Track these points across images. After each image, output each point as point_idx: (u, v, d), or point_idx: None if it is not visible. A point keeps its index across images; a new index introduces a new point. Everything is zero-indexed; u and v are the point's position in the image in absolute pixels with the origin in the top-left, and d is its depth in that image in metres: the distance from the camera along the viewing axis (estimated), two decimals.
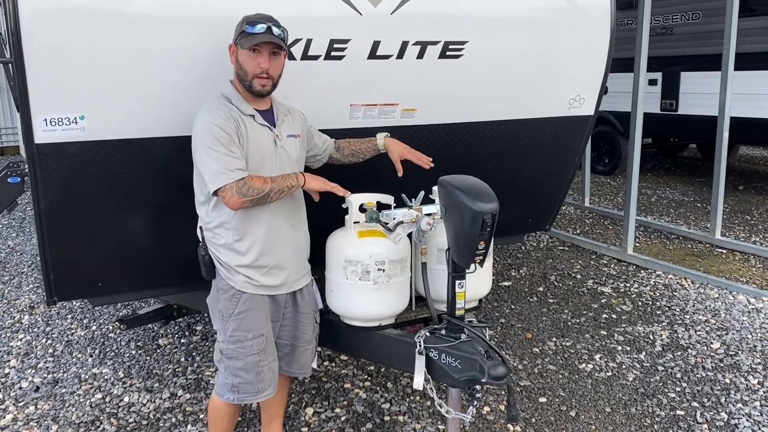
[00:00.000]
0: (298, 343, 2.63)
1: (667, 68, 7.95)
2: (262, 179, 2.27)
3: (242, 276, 2.41)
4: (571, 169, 3.84)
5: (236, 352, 2.43)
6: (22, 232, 6.58)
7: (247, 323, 2.42)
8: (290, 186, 2.35)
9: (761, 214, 6.93)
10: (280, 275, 2.48)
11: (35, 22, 2.27)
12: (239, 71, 2.34)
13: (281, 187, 2.32)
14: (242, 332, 2.42)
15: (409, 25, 2.83)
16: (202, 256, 2.45)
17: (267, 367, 2.48)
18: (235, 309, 2.42)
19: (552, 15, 3.22)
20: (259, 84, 2.32)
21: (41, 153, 2.44)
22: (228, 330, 2.44)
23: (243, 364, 2.43)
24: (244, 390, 2.47)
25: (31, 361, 3.78)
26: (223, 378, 2.50)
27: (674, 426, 3.06)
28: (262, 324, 2.45)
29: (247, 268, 2.40)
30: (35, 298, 4.75)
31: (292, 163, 2.47)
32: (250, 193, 2.24)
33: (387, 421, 3.12)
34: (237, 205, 2.25)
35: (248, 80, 2.32)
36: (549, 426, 3.07)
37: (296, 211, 2.54)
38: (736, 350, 3.78)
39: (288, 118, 2.50)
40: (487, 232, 2.25)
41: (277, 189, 2.31)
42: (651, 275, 5.06)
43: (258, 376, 2.45)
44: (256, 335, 2.43)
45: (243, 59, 2.31)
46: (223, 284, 2.44)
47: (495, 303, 4.53)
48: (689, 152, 10.85)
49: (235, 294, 2.41)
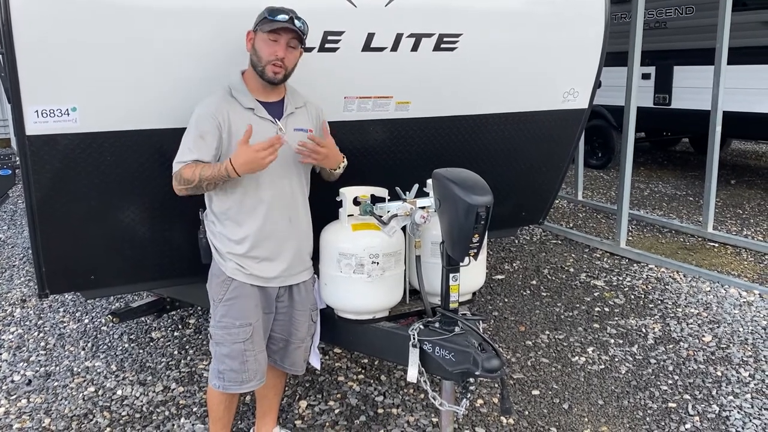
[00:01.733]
0: (291, 339, 2.62)
1: (661, 62, 7.96)
2: (191, 169, 2.27)
3: (233, 263, 2.43)
4: (564, 163, 3.84)
5: (223, 338, 2.45)
6: (14, 225, 6.54)
7: (234, 310, 2.44)
8: (220, 175, 2.25)
9: (753, 207, 6.96)
10: (273, 268, 2.47)
11: (26, 13, 2.24)
12: (253, 57, 2.34)
13: (211, 176, 2.26)
14: (230, 319, 2.44)
15: (403, 18, 2.81)
16: (200, 239, 2.52)
17: (253, 358, 2.47)
18: (225, 295, 2.44)
19: (546, 8, 3.21)
20: (272, 71, 2.31)
21: (33, 145, 2.42)
22: (217, 315, 2.47)
23: (229, 350, 2.45)
24: (229, 378, 2.47)
25: (23, 355, 3.76)
26: (213, 364, 2.53)
27: (666, 418, 3.08)
28: (250, 313, 2.46)
29: (239, 256, 2.42)
30: (27, 291, 4.73)
31: (295, 158, 2.44)
32: (182, 181, 2.30)
33: (381, 413, 3.13)
34: (178, 192, 2.34)
35: (261, 66, 2.31)
36: (542, 418, 3.09)
37: (295, 205, 2.51)
38: (728, 343, 3.80)
39: (301, 111, 2.48)
40: (482, 225, 2.24)
41: (206, 178, 2.26)
42: (643, 269, 5.09)
43: (243, 365, 2.45)
44: (243, 324, 2.44)
45: (259, 45, 2.31)
46: (216, 269, 2.48)
47: (488, 296, 4.54)
48: (682, 146, 10.89)
49: (225, 280, 2.44)
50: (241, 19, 2.44)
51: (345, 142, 3.00)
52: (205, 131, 2.30)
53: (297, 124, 2.45)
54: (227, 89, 2.38)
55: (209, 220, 2.49)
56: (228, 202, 2.39)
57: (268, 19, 2.27)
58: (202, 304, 3.67)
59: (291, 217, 2.49)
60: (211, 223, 2.48)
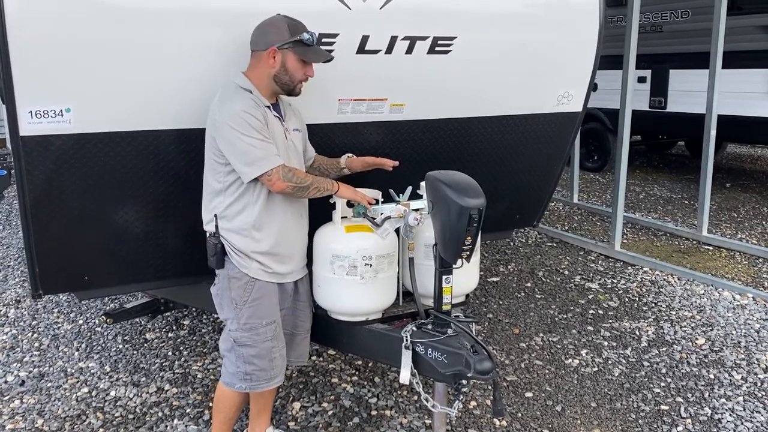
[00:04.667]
0: (298, 332, 2.70)
1: (656, 66, 7.99)
2: (303, 172, 2.42)
3: (257, 263, 2.46)
4: (559, 166, 3.85)
5: (251, 339, 2.47)
6: (9, 225, 6.53)
7: (261, 310, 2.48)
8: (326, 188, 2.46)
9: (747, 211, 6.99)
10: (290, 264, 2.56)
11: (20, 13, 2.24)
12: (282, 75, 2.39)
13: (319, 186, 2.44)
14: (257, 319, 2.47)
15: (398, 20, 2.82)
16: (215, 245, 2.45)
17: (279, 354, 2.54)
18: (250, 296, 2.46)
19: (541, 11, 3.22)
20: (299, 88, 2.46)
21: (27, 145, 2.42)
22: (242, 318, 2.47)
23: (257, 351, 2.48)
24: (258, 378, 2.51)
25: (16, 355, 3.76)
26: (234, 367, 2.52)
27: (659, 421, 3.09)
28: (274, 310, 2.52)
29: (263, 255, 2.45)
30: (21, 292, 4.72)
31: (299, 156, 2.57)
32: (295, 179, 2.35)
33: (374, 415, 3.13)
34: (281, 188, 2.35)
35: (293, 84, 2.42)
36: (535, 420, 3.09)
37: (304, 203, 2.62)
38: (721, 346, 3.82)
39: (290, 113, 2.58)
40: (474, 228, 2.25)
41: (315, 186, 2.42)
42: (638, 271, 5.10)
43: (271, 362, 2.51)
44: (269, 321, 2.49)
45: (293, 66, 2.39)
46: (236, 272, 2.46)
47: (483, 298, 4.55)
48: (677, 149, 10.92)
49: (249, 281, 2.46)
50: (240, 19, 2.46)
51: (339, 144, 3.01)
52: (263, 131, 2.33)
53: (294, 125, 2.57)
54: (245, 91, 2.39)
55: (229, 222, 2.44)
56: (251, 201, 2.41)
57: (305, 44, 2.37)
58: (196, 305, 3.68)
59: (302, 213, 2.60)
60: (229, 224, 2.44)
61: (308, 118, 2.75)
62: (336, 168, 2.81)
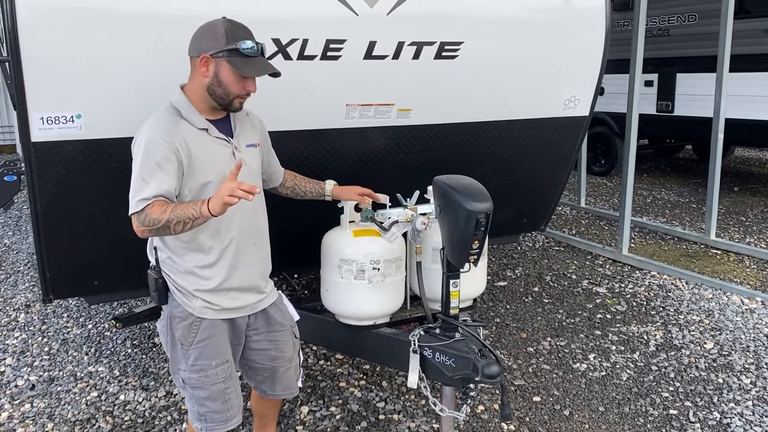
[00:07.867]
0: (278, 364, 2.41)
1: (663, 69, 7.97)
2: (161, 208, 1.98)
3: (201, 301, 2.19)
4: (566, 170, 3.85)
5: (200, 382, 2.22)
6: (19, 231, 6.58)
7: (209, 350, 2.21)
8: (192, 217, 1.98)
9: (756, 215, 6.96)
10: (242, 297, 2.28)
11: (32, 21, 2.27)
12: (216, 87, 2.07)
13: (181, 218, 1.98)
14: (205, 360, 2.20)
15: (405, 26, 2.84)
16: (155, 280, 2.19)
17: (234, 394, 2.28)
18: (196, 337, 2.20)
19: (547, 16, 3.24)
20: (239, 103, 2.14)
21: (38, 151, 2.45)
22: (189, 359, 2.21)
23: (208, 393, 2.23)
24: (212, 419, 2.25)
25: (27, 359, 3.78)
26: (190, 405, 2.29)
27: (667, 425, 3.08)
28: (225, 350, 2.26)
29: (208, 292, 2.19)
30: (31, 297, 4.75)
31: (253, 175, 2.26)
32: (147, 222, 1.99)
33: (382, 419, 3.14)
34: (141, 233, 2.04)
35: (228, 99, 2.10)
36: (543, 425, 3.09)
37: (259, 229, 2.32)
38: (730, 350, 3.80)
39: (246, 125, 2.27)
40: (481, 232, 2.26)
41: (176, 220, 1.98)
42: (646, 276, 5.09)
43: (225, 404, 2.25)
44: (220, 362, 2.23)
45: (228, 78, 2.05)
46: (179, 311, 2.20)
47: (490, 303, 4.55)
48: (685, 153, 10.88)
49: (194, 322, 2.19)
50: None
51: (347, 149, 3.03)
52: (162, 159, 2.01)
53: (247, 140, 2.25)
54: (173, 110, 2.10)
55: (166, 255, 2.19)
56: (191, 234, 2.11)
57: (242, 54, 2.03)
58: None
59: (256, 242, 2.30)
60: (169, 260, 2.19)
61: (315, 123, 2.77)
62: (318, 193, 2.60)
